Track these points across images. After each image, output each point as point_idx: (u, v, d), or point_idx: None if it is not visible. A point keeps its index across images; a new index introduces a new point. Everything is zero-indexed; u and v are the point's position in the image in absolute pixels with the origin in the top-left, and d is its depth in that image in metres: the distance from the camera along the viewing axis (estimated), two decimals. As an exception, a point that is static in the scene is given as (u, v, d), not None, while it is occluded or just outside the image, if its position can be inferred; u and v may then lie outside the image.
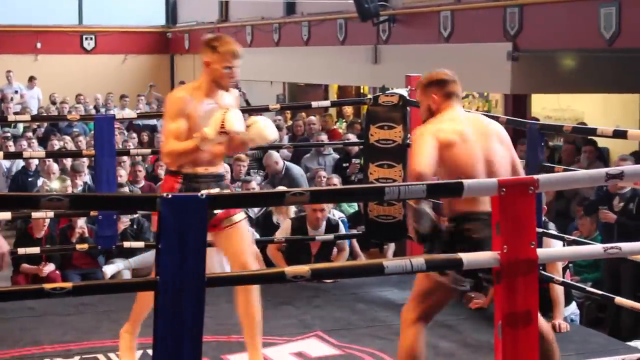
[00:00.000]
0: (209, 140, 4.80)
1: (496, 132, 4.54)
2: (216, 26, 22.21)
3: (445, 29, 13.87)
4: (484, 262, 3.44)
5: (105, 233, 6.88)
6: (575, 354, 5.51)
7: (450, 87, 4.61)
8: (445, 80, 4.63)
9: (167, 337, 3.05)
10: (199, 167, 4.98)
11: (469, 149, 4.37)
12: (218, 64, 5.00)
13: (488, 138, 4.46)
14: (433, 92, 4.60)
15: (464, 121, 4.51)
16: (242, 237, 5.03)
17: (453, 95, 4.60)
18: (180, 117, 4.92)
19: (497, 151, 4.44)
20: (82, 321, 6.18)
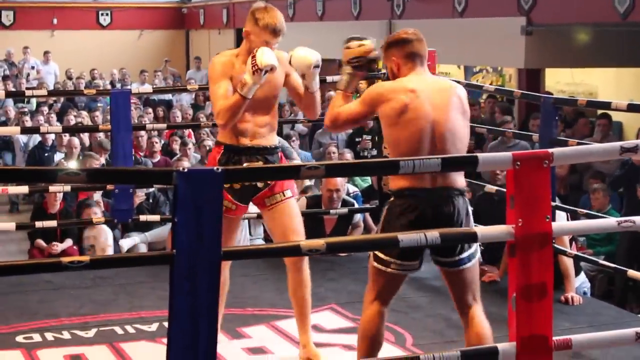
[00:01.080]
0: (249, 85, 4.65)
1: (459, 101, 4.20)
2: (231, 1, 22.16)
3: (459, 4, 13.79)
4: (499, 235, 3.43)
5: (122, 207, 6.87)
6: (588, 326, 5.49)
7: (411, 47, 4.28)
8: (404, 39, 4.31)
9: (183, 310, 3.05)
10: (243, 139, 4.86)
11: (415, 125, 4.08)
12: (256, 36, 4.81)
13: (447, 109, 4.13)
14: (393, 53, 4.31)
15: (419, 88, 4.14)
16: (287, 217, 4.88)
17: (415, 57, 4.27)
18: (223, 79, 4.80)
19: (455, 125, 4.11)
20: (99, 294, 6.20)
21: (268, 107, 4.90)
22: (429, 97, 4.12)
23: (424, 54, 4.29)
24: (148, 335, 5.42)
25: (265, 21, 4.79)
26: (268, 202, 4.88)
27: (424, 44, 4.31)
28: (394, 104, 4.12)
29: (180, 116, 14.44)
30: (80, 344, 5.31)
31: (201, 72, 21.07)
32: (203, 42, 24.24)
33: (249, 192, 4.87)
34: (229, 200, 4.82)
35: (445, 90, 4.21)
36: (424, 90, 4.14)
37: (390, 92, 4.17)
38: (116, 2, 24.37)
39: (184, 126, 13.13)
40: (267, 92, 4.84)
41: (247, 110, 4.80)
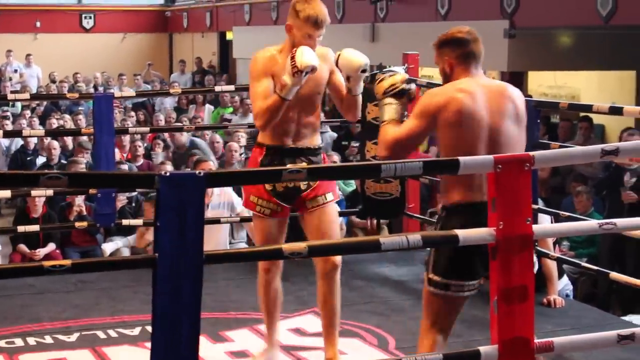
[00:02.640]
0: (288, 86, 4.48)
1: (514, 108, 4.00)
2: (214, 5, 22.17)
3: (442, 7, 13.83)
4: (480, 238, 3.44)
5: (104, 211, 6.86)
6: (571, 329, 5.52)
7: (467, 47, 4.04)
8: (460, 39, 4.06)
9: (165, 314, 3.05)
10: (286, 140, 4.71)
11: (473, 129, 3.89)
12: (298, 30, 4.60)
13: (502, 115, 3.95)
14: (446, 53, 4.07)
15: (475, 91, 3.95)
16: (326, 222, 4.77)
17: (470, 58, 4.04)
18: (264, 77, 4.64)
19: (509, 133, 3.94)
20: (81, 298, 6.19)
21: (312, 105, 4.75)
22: (484, 102, 3.94)
23: (479, 55, 4.08)
24: (130, 339, 5.42)
25: (306, 13, 4.58)
26: (309, 205, 4.77)
27: (480, 43, 4.09)
28: (452, 109, 3.91)
29: (163, 120, 14.42)
30: (62, 348, 5.30)
31: (185, 75, 21.07)
32: (186, 45, 24.24)
33: (292, 194, 4.76)
34: (274, 202, 4.76)
35: (500, 94, 4.01)
36: (480, 94, 3.95)
37: (447, 96, 3.95)
38: (99, 5, 24.34)
39: (167, 129, 13.11)
40: (310, 90, 4.68)
41: (290, 109, 4.63)
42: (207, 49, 23.02)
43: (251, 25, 19.97)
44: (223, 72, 21.71)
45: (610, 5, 10.90)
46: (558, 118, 12.97)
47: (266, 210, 4.80)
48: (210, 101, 17.04)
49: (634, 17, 10.87)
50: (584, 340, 3.74)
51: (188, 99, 17.24)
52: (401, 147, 4.00)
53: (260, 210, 4.80)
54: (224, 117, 15.35)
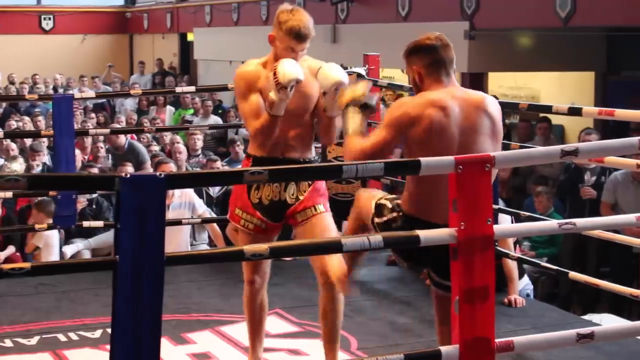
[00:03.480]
0: (276, 103, 4.32)
1: (491, 123, 3.84)
2: (175, 6, 22.10)
3: (403, 8, 13.87)
4: (441, 239, 3.45)
5: (64, 213, 6.82)
6: (531, 328, 5.55)
7: (436, 54, 3.88)
8: (428, 46, 3.90)
9: (126, 316, 3.04)
10: (274, 152, 4.52)
11: (441, 147, 3.73)
12: (280, 42, 4.47)
13: (476, 132, 3.80)
14: (415, 62, 3.91)
15: (447, 105, 3.80)
16: (320, 233, 4.51)
17: (440, 66, 3.87)
18: (250, 94, 4.49)
19: (482, 150, 3.78)
20: (42, 301, 6.15)
21: (300, 119, 4.56)
22: (458, 117, 3.79)
23: (450, 61, 3.90)
24: (91, 342, 5.39)
25: (289, 24, 4.44)
26: (299, 218, 4.58)
27: (451, 49, 3.90)
28: (422, 124, 3.77)
29: (124, 121, 14.36)
30: (22, 352, 5.27)
31: (145, 76, 20.98)
32: (147, 46, 24.14)
33: (278, 207, 4.59)
34: (258, 217, 4.59)
35: (476, 108, 3.84)
36: (453, 108, 3.80)
37: (418, 110, 3.80)
38: (59, 6, 24.18)
39: (127, 130, 13.04)
40: (298, 103, 4.50)
41: (279, 122, 4.45)
42: (167, 50, 22.95)
43: (212, 26, 19.92)
44: (184, 74, 21.65)
45: (569, 7, 10.98)
46: (517, 119, 13.04)
47: (249, 224, 4.62)
48: (171, 102, 16.99)
49: (593, 18, 10.97)
50: (544, 339, 3.76)
51: (148, 100, 17.17)
52: (369, 159, 3.78)
53: (244, 224, 4.64)
54: (185, 119, 15.31)
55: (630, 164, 5.24)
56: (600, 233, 5.42)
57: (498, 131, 3.89)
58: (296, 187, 4.60)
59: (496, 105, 3.94)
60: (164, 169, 7.84)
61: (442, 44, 3.90)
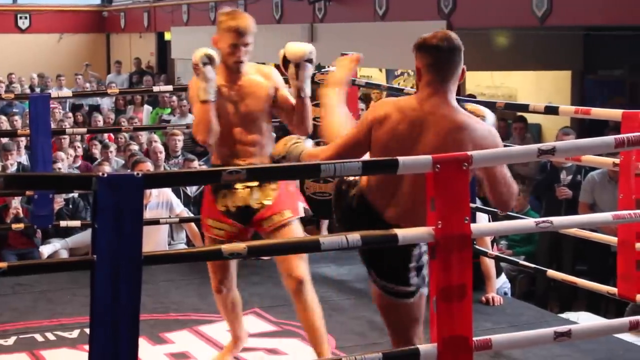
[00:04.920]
0: (201, 86, 4.45)
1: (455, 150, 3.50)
2: (152, 5, 22.05)
3: (380, 7, 13.89)
4: (419, 237, 3.46)
5: (41, 212, 6.80)
6: (508, 326, 5.57)
7: (437, 57, 3.67)
8: (431, 46, 3.68)
9: (104, 316, 3.03)
10: (234, 159, 4.60)
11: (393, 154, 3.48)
12: (223, 41, 4.59)
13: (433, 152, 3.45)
14: (417, 58, 3.73)
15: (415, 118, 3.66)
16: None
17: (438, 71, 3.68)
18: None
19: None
20: (19, 301, 6.12)
21: (255, 123, 4.64)
22: (420, 132, 3.67)
23: (451, 67, 3.69)
24: (69, 342, 5.38)
25: (228, 23, 4.57)
26: (266, 224, 4.65)
27: (455, 54, 3.68)
28: (385, 127, 3.71)
29: (102, 120, 14.31)
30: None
31: (121, 76, 20.92)
32: (124, 45, 24.08)
33: (245, 213, 4.66)
34: (229, 223, 4.68)
35: (445, 129, 3.65)
36: (419, 120, 3.66)
37: (385, 112, 3.73)
38: (35, 5, 24.07)
39: (105, 130, 13.01)
40: (250, 106, 4.61)
41: (233, 127, 4.59)
42: (145, 50, 22.90)
43: (189, 25, 19.89)
44: (161, 73, 21.59)
45: (546, 6, 11.02)
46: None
47: (221, 232, 4.70)
48: (148, 102, 16.94)
49: (569, 17, 11.02)
50: (522, 337, 3.77)
51: (125, 99, 17.12)
52: (339, 154, 3.81)
53: (216, 233, 4.72)
54: (163, 118, 15.27)
55: (607, 163, 5.26)
56: (577, 231, 5.45)
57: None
58: (260, 192, 4.66)
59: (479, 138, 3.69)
60: (141, 168, 7.81)
61: (447, 45, 3.67)
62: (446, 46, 3.66)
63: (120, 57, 22.88)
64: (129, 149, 10.93)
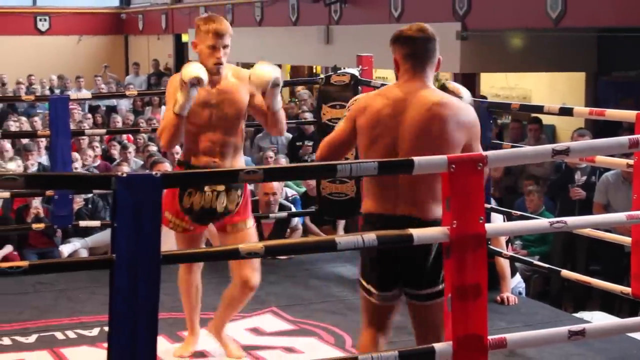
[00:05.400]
0: (179, 102, 4.53)
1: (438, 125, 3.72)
2: (170, 7, 22.08)
3: (395, 10, 13.88)
4: (434, 237, 3.46)
5: (61, 212, 6.83)
6: (523, 326, 5.56)
7: (412, 47, 3.82)
8: (406, 37, 3.84)
9: (123, 314, 3.04)
10: (204, 158, 4.74)
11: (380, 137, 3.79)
12: (201, 43, 4.69)
13: (416, 128, 3.74)
14: (395, 50, 3.87)
15: (397, 97, 3.79)
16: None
17: (415, 59, 3.81)
18: (172, 100, 4.65)
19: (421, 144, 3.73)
20: (40, 299, 6.15)
21: (230, 126, 4.75)
22: (401, 110, 3.77)
23: (427, 55, 3.84)
24: (89, 340, 5.39)
25: (207, 26, 4.68)
26: (229, 229, 4.87)
27: (431, 43, 3.84)
28: (368, 113, 3.82)
29: (120, 121, 14.34)
30: (20, 349, 5.26)
31: (140, 77, 20.96)
32: (142, 47, 24.12)
33: (207, 215, 4.82)
34: (186, 221, 4.85)
35: (425, 106, 3.76)
36: (401, 101, 3.78)
37: (367, 100, 3.88)
38: (55, 7, 24.14)
39: (123, 131, 13.02)
40: (226, 111, 4.72)
41: (208, 129, 4.70)
42: (162, 51, 22.93)
43: (207, 27, 19.92)
44: (179, 74, 21.59)
45: (560, 7, 10.99)
46: (510, 119, 13.06)
47: (178, 227, 4.90)
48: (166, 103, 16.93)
49: (583, 19, 10.98)
50: (537, 336, 3.77)
51: (143, 100, 17.15)
52: (329, 151, 3.98)
53: (172, 227, 4.91)
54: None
55: (621, 164, 5.25)
56: (591, 232, 5.43)
57: (447, 135, 3.74)
58: (227, 197, 4.81)
59: (458, 111, 3.79)
60: (159, 168, 7.83)
61: (422, 36, 3.85)
62: (422, 36, 3.84)
63: (138, 58, 22.92)
64: (148, 149, 10.95)
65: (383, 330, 4.01)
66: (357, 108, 3.90)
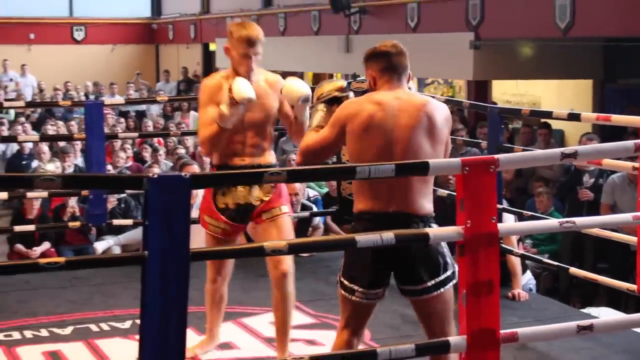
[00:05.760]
0: (226, 116, 4.41)
1: (429, 123, 3.79)
2: (198, 18, 22.13)
3: (412, 20, 13.85)
4: (450, 236, 3.45)
5: (96, 211, 6.84)
6: (533, 321, 5.54)
7: (388, 60, 3.89)
8: (382, 52, 3.91)
9: (154, 308, 3.04)
10: (235, 158, 4.61)
11: (376, 140, 3.77)
12: (234, 50, 4.57)
13: (412, 129, 3.77)
14: (370, 67, 3.92)
15: (385, 101, 3.80)
16: (280, 232, 4.63)
17: (392, 71, 3.88)
18: (209, 105, 4.55)
19: (417, 147, 3.76)
20: (75, 294, 6.16)
21: (260, 130, 4.66)
22: (394, 113, 3.78)
23: (402, 67, 3.90)
24: (121, 332, 5.40)
25: (239, 33, 4.55)
26: (265, 216, 4.67)
27: (404, 57, 3.92)
28: (359, 119, 3.79)
29: (151, 125, 14.38)
30: (57, 341, 5.28)
31: (170, 84, 21.01)
32: (172, 55, 24.17)
33: (244, 211, 4.67)
34: (223, 221, 4.68)
35: (415, 108, 3.80)
36: (392, 106, 3.79)
37: (356, 107, 3.84)
38: (90, 18, 24.25)
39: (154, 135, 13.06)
40: (259, 116, 4.62)
41: (239, 132, 4.58)
42: (191, 59, 22.97)
43: (233, 37, 19.95)
44: (207, 81, 21.63)
45: (568, 18, 10.95)
46: (520, 124, 13.01)
47: (217, 229, 4.72)
48: (195, 108, 16.99)
49: (591, 29, 10.93)
50: (547, 331, 3.75)
51: (173, 106, 17.20)
52: (313, 155, 3.94)
53: (212, 230, 4.74)
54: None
55: (627, 166, 5.22)
56: (599, 231, 5.40)
57: (437, 130, 3.82)
58: (260, 190, 4.69)
59: (440, 109, 3.88)
60: (188, 170, 7.84)
61: (396, 51, 3.91)
62: (395, 51, 3.91)
63: (168, 66, 22.97)
64: (177, 152, 10.99)
65: (358, 332, 3.94)
66: (345, 115, 3.85)
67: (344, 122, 3.85)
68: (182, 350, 3.11)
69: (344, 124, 3.84)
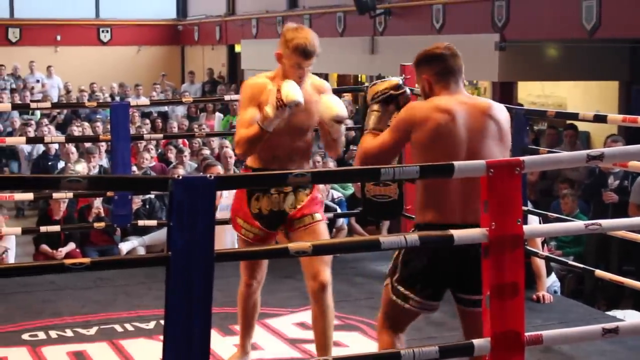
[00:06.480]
0: (270, 118, 4.24)
1: (497, 128, 3.71)
2: (224, 19, 22.18)
3: (437, 21, 13.83)
4: (474, 238, 3.43)
5: (121, 212, 6.86)
6: (558, 323, 5.51)
7: (444, 63, 3.75)
8: (437, 55, 3.77)
9: (178, 309, 3.05)
10: (272, 164, 4.41)
11: (448, 149, 3.63)
12: (287, 59, 4.36)
13: (483, 135, 3.68)
14: (424, 71, 3.78)
15: (454, 109, 3.67)
16: (316, 239, 4.38)
17: (449, 74, 3.75)
18: (250, 105, 4.38)
19: (489, 153, 3.67)
20: (100, 294, 6.19)
21: (302, 135, 4.49)
22: (465, 121, 3.67)
23: (459, 70, 3.78)
24: (146, 332, 5.42)
25: (295, 42, 4.31)
26: (297, 224, 4.51)
27: (459, 58, 3.78)
28: (428, 127, 3.65)
29: (176, 127, 14.43)
30: (82, 341, 5.30)
31: (195, 85, 21.08)
32: (197, 57, 24.24)
33: (277, 217, 4.52)
34: (257, 227, 4.54)
35: (482, 112, 3.70)
36: (460, 113, 3.67)
37: (424, 114, 3.68)
38: (116, 19, 24.37)
39: (179, 136, 13.10)
40: (302, 121, 4.45)
41: (280, 136, 4.37)
42: (217, 61, 23.03)
43: (258, 38, 19.97)
44: (232, 82, 21.70)
45: (594, 19, 10.90)
46: (545, 125, 12.96)
47: (249, 234, 4.58)
48: (220, 109, 17.03)
49: (616, 30, 10.88)
50: (571, 333, 3.74)
51: (197, 107, 17.23)
52: (372, 160, 3.77)
53: (244, 234, 4.61)
54: (233, 125, 15.34)
55: (653, 169, 5.19)
56: (624, 233, 5.37)
57: (504, 135, 3.75)
58: (295, 197, 4.52)
59: (503, 111, 3.81)
60: (212, 171, 7.85)
61: (450, 53, 3.79)
62: (450, 53, 3.79)
63: (193, 67, 23.03)
64: (202, 153, 11.01)
65: (402, 332, 3.90)
66: (411, 121, 3.70)
67: (409, 129, 3.70)
68: (206, 350, 3.11)
69: (409, 130, 3.70)
